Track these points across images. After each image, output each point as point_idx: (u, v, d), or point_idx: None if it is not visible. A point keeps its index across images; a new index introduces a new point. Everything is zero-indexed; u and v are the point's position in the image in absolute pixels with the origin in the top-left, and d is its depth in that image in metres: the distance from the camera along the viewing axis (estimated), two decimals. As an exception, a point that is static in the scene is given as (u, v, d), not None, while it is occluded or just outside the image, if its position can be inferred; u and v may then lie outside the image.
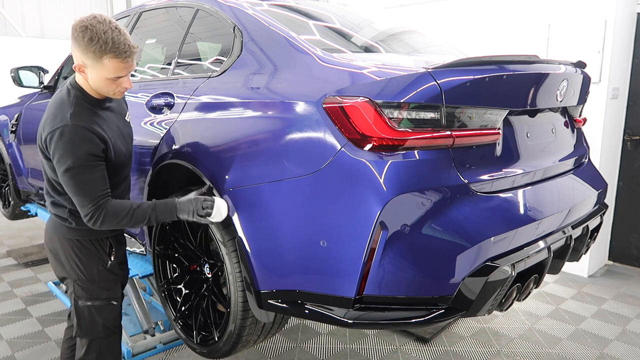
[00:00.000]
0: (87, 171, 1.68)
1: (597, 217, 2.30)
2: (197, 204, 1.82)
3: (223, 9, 2.26)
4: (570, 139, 2.35)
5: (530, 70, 1.88)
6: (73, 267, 1.88)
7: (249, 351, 2.74)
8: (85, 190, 1.69)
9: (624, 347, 2.91)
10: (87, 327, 1.92)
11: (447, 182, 1.64)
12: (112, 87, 1.73)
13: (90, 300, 1.90)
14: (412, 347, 2.85)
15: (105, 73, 1.67)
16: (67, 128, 1.65)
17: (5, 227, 5.31)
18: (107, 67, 1.65)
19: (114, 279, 1.95)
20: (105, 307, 1.92)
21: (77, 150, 1.65)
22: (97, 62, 1.64)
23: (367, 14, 2.74)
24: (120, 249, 1.99)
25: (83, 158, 1.66)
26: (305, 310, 1.76)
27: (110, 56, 1.63)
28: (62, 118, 1.67)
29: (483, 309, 1.73)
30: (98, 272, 1.89)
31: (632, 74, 3.94)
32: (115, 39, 1.62)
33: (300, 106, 1.73)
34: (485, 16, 4.22)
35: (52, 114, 1.71)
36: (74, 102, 1.71)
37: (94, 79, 1.69)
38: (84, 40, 1.61)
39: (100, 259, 1.89)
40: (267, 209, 1.79)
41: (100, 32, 1.60)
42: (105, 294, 1.92)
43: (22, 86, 3.57)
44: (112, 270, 1.93)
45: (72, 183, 1.68)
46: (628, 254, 4.20)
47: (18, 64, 3.69)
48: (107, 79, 1.69)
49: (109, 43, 1.61)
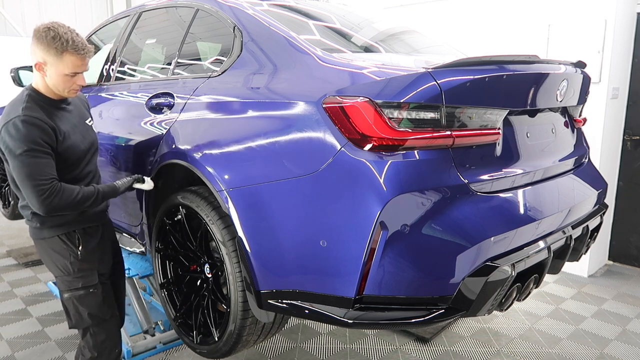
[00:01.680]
0: (38, 156, 1.76)
1: (597, 217, 2.30)
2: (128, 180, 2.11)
3: (223, 9, 2.26)
4: (570, 139, 2.35)
5: (530, 70, 1.88)
6: (50, 264, 2.00)
7: (249, 351, 2.74)
8: (39, 172, 1.76)
9: (624, 347, 2.91)
10: (74, 317, 2.03)
11: (447, 182, 1.64)
12: (69, 83, 1.86)
13: (70, 291, 2.00)
14: (412, 347, 2.85)
15: (64, 69, 1.82)
16: (18, 118, 1.76)
17: (5, 227, 5.31)
18: (66, 63, 1.81)
19: (88, 267, 2.01)
20: (85, 296, 2.00)
21: (28, 136, 1.74)
22: (57, 58, 1.80)
23: (367, 14, 2.74)
24: (91, 240, 2.04)
25: (34, 142, 1.75)
26: (305, 310, 1.76)
27: (70, 52, 1.80)
28: (13, 113, 1.78)
29: (483, 309, 1.73)
30: (71, 264, 1.97)
31: (632, 74, 3.94)
32: (74, 38, 1.82)
33: (300, 106, 1.73)
34: (485, 16, 4.22)
35: (5, 113, 1.82)
36: (26, 100, 1.83)
37: (53, 76, 1.83)
38: (47, 38, 1.78)
39: (70, 252, 1.98)
40: (267, 209, 1.79)
41: (62, 32, 1.80)
42: (82, 283, 2.00)
43: (22, 86, 3.56)
44: (84, 260, 2.00)
45: (25, 168, 1.75)
46: (628, 254, 4.20)
47: (18, 64, 3.69)
48: (65, 74, 1.83)
49: (70, 41, 1.80)
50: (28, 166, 1.75)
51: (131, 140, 2.49)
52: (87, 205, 1.91)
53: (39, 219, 1.93)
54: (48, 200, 1.77)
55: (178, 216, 2.26)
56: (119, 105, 2.73)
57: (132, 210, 2.60)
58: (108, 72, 3.01)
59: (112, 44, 3.08)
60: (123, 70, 2.94)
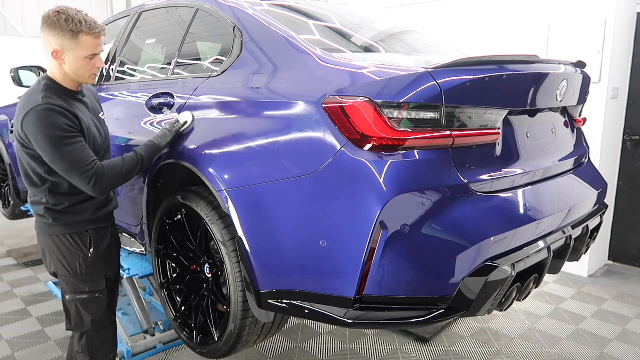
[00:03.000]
0: (71, 142, 1.74)
1: (597, 217, 2.30)
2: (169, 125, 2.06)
3: (223, 9, 2.26)
4: (570, 139, 2.35)
5: (530, 70, 1.88)
6: (57, 262, 1.94)
7: (249, 351, 2.74)
8: (78, 157, 1.74)
9: (624, 347, 2.91)
10: (75, 320, 1.98)
11: (447, 182, 1.64)
12: (89, 67, 1.83)
13: (75, 294, 1.95)
14: (412, 347, 2.85)
15: (82, 51, 1.78)
16: (40, 107, 1.71)
17: (5, 227, 5.31)
18: (84, 45, 1.77)
19: (96, 272, 1.97)
20: (90, 301, 1.96)
21: (56, 124, 1.71)
22: (74, 40, 1.76)
23: (367, 14, 2.74)
24: (102, 242, 2.00)
25: (64, 129, 1.72)
26: (305, 310, 1.76)
27: (85, 32, 1.76)
28: (33, 102, 1.73)
29: (483, 309, 1.73)
30: (79, 265, 1.92)
31: (632, 74, 3.94)
32: (86, 18, 1.78)
33: (300, 106, 1.73)
34: (485, 16, 4.22)
35: (23, 103, 1.78)
36: (44, 89, 1.78)
37: (72, 61, 1.79)
38: (60, 21, 1.74)
39: (80, 253, 1.93)
40: (267, 209, 1.78)
41: (74, 14, 1.76)
42: (88, 287, 1.95)
43: (22, 86, 3.56)
44: (94, 263, 1.96)
45: (62, 156, 1.72)
46: (628, 254, 4.20)
47: (18, 64, 3.69)
48: (84, 58, 1.79)
49: (83, 22, 1.76)
50: (67, 156, 1.73)
51: (131, 140, 2.49)
52: (135, 174, 1.91)
53: (52, 215, 1.89)
54: (97, 185, 1.77)
55: (178, 216, 2.26)
56: (119, 105, 2.73)
57: (132, 210, 2.60)
58: (108, 72, 3.01)
59: (112, 44, 3.08)
60: (123, 70, 2.94)
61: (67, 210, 1.90)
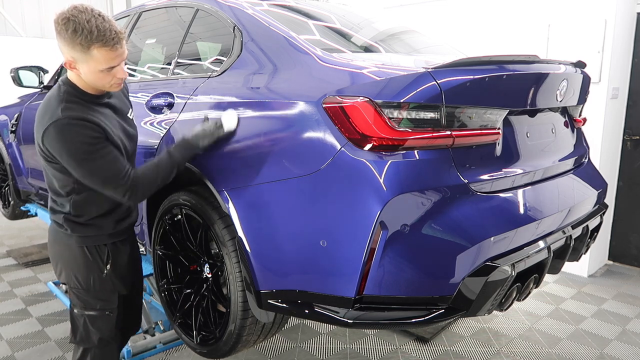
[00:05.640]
0: (101, 155, 1.60)
1: (597, 217, 2.30)
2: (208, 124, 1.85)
3: (223, 9, 2.26)
4: (570, 139, 2.35)
5: (530, 70, 1.88)
6: (69, 274, 1.83)
7: (249, 351, 2.74)
8: (110, 170, 1.62)
9: (624, 347, 2.91)
10: (80, 335, 1.88)
11: (447, 182, 1.64)
12: (107, 79, 1.63)
13: (84, 309, 1.84)
14: (412, 347, 2.85)
15: (96, 65, 1.57)
16: (60, 122, 1.56)
17: (5, 227, 5.31)
18: (97, 59, 1.56)
19: (110, 289, 1.86)
20: (99, 318, 1.85)
21: (80, 140, 1.57)
22: (85, 54, 1.55)
23: (367, 14, 2.74)
24: (119, 257, 1.88)
25: (89, 144, 1.58)
26: (305, 310, 1.76)
27: (98, 46, 1.54)
28: (51, 115, 1.58)
29: (483, 309, 1.73)
30: (93, 281, 1.81)
31: (632, 74, 3.94)
32: (100, 26, 1.53)
33: (300, 106, 1.73)
34: (485, 16, 4.22)
35: (41, 113, 1.63)
36: (64, 98, 1.62)
37: (87, 73, 1.61)
38: (68, 32, 1.52)
39: (96, 267, 1.81)
40: (267, 208, 1.79)
41: (84, 22, 1.52)
42: (100, 305, 1.85)
43: (22, 86, 3.57)
44: (108, 280, 1.84)
45: (94, 172, 1.60)
46: (628, 254, 4.20)
47: (18, 64, 3.69)
48: (99, 71, 1.59)
49: (94, 32, 1.52)
50: (98, 171, 1.61)
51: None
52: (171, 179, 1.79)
53: (70, 226, 1.77)
54: (133, 196, 1.67)
55: (178, 216, 2.26)
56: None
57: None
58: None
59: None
60: (123, 70, 2.93)
61: (88, 223, 1.78)
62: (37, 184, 3.69)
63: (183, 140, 1.84)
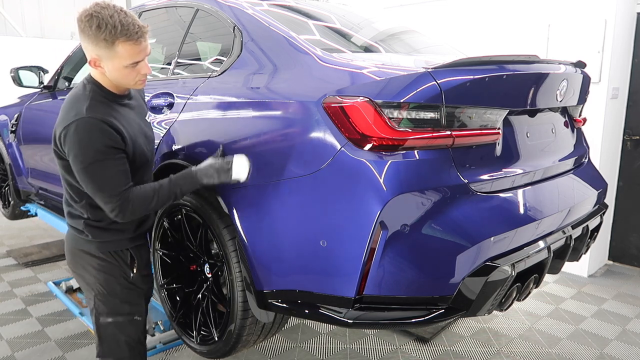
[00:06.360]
0: (107, 165, 1.57)
1: (597, 217, 2.30)
2: (218, 163, 1.76)
3: (223, 9, 2.26)
4: (570, 139, 2.35)
5: (530, 70, 1.88)
6: (93, 281, 1.76)
7: (249, 351, 2.74)
8: (107, 185, 1.58)
9: (624, 347, 2.91)
10: (110, 346, 1.79)
11: (447, 182, 1.64)
12: (132, 75, 1.62)
13: (112, 316, 1.77)
14: (412, 347, 2.85)
15: (121, 61, 1.57)
16: (82, 121, 1.54)
17: (5, 227, 5.31)
18: (121, 54, 1.55)
19: (137, 293, 1.82)
20: (128, 324, 1.80)
21: (95, 143, 1.54)
22: (110, 50, 1.54)
23: (367, 14, 2.74)
24: (141, 259, 1.84)
25: (102, 151, 1.55)
26: (305, 310, 1.76)
27: (122, 40, 1.53)
28: (76, 112, 1.56)
29: (483, 309, 1.73)
30: (120, 285, 1.77)
31: (632, 74, 3.94)
32: (123, 21, 1.53)
33: (300, 106, 1.73)
34: (485, 16, 4.22)
35: (66, 109, 1.61)
36: (90, 96, 1.60)
37: (112, 70, 1.59)
38: (92, 29, 1.52)
39: (121, 272, 1.77)
40: (267, 208, 1.79)
41: (107, 17, 1.52)
42: (128, 309, 1.79)
43: (22, 86, 3.57)
44: (134, 283, 1.80)
45: (92, 179, 1.57)
46: (628, 254, 4.20)
47: (18, 64, 3.69)
48: (124, 67, 1.58)
49: (118, 27, 1.52)
50: (96, 179, 1.57)
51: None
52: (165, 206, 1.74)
53: (92, 232, 1.72)
54: (120, 215, 1.61)
55: (178, 216, 2.26)
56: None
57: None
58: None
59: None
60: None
61: (109, 227, 1.73)
62: (37, 183, 3.69)
63: (188, 173, 1.76)
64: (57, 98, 3.36)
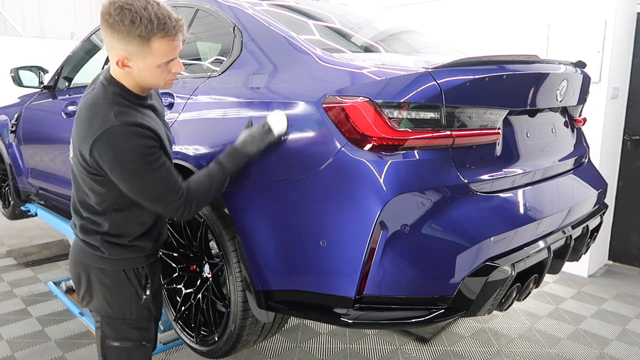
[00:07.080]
0: (158, 167, 1.43)
1: (597, 217, 2.30)
2: (255, 129, 1.67)
3: (223, 9, 2.26)
4: (570, 139, 2.35)
5: (530, 70, 1.88)
6: (102, 301, 1.62)
7: (249, 351, 2.74)
8: (166, 185, 1.46)
9: (624, 347, 2.91)
10: None
11: (447, 182, 1.64)
12: (163, 75, 1.46)
13: (120, 341, 1.65)
14: (412, 347, 2.85)
15: (155, 60, 1.40)
16: (116, 129, 1.37)
17: (5, 227, 5.31)
18: (156, 52, 1.39)
19: (147, 317, 1.68)
20: (136, 349, 1.67)
21: (139, 150, 1.40)
22: (144, 47, 1.37)
23: (367, 14, 2.74)
24: (155, 279, 1.71)
25: (147, 154, 1.41)
26: (305, 310, 1.76)
27: (159, 36, 1.36)
28: (103, 120, 1.39)
29: (483, 309, 1.73)
30: (130, 308, 1.62)
31: (632, 74, 3.94)
32: (158, 14, 1.35)
33: (300, 106, 1.73)
34: (485, 16, 4.22)
35: (88, 118, 1.43)
36: (114, 101, 1.43)
37: (142, 70, 1.43)
38: (125, 24, 1.33)
39: (134, 294, 1.62)
40: (267, 209, 1.79)
41: (141, 10, 1.33)
42: (137, 335, 1.66)
43: (22, 86, 3.56)
44: (146, 307, 1.67)
45: (150, 185, 1.44)
46: (628, 254, 4.20)
47: (18, 64, 3.69)
48: (157, 66, 1.42)
49: (154, 21, 1.34)
50: (153, 185, 1.44)
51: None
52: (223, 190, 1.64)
53: (109, 249, 1.57)
54: (187, 211, 1.52)
55: (178, 216, 2.26)
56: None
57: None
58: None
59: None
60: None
61: (129, 244, 1.59)
62: (37, 183, 3.69)
63: (231, 149, 1.66)
64: (57, 98, 3.36)
